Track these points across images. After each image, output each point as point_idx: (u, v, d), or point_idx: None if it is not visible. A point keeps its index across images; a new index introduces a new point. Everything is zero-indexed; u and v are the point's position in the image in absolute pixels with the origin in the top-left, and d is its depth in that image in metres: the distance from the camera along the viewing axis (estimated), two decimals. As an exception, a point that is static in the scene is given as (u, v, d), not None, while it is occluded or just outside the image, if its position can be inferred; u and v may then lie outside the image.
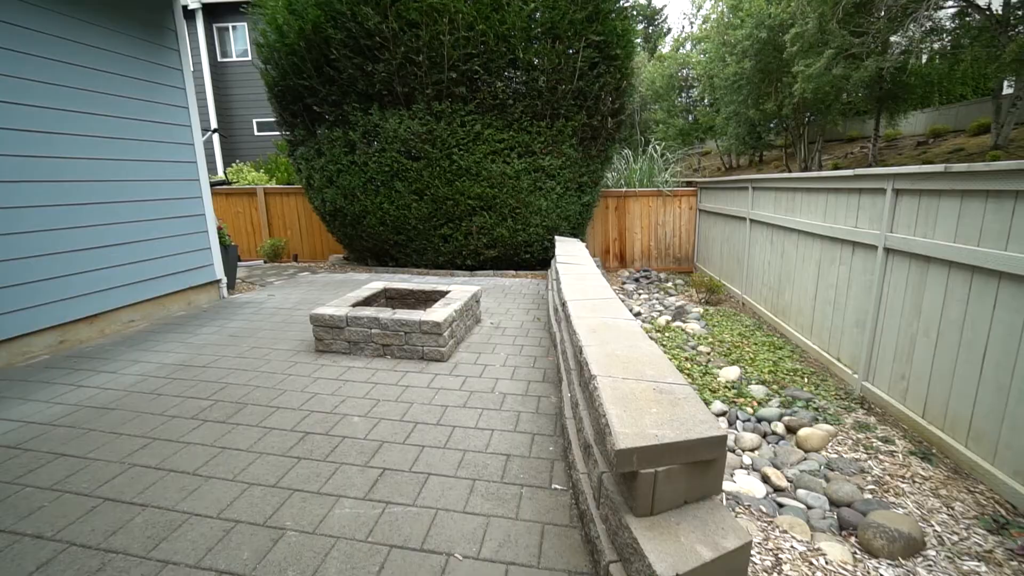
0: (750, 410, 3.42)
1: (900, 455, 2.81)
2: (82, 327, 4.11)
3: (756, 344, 4.79)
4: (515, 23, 5.97)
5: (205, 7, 14.98)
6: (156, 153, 4.73)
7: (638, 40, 9.59)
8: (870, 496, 2.46)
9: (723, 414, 3.36)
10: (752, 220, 6.18)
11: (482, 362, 3.55)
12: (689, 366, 4.15)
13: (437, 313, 3.57)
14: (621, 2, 6.77)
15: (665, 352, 4.34)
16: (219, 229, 5.64)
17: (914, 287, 3.14)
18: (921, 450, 2.84)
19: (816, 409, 3.39)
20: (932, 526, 2.25)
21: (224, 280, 5.62)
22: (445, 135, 6.31)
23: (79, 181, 4.03)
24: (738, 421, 3.28)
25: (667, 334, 5.05)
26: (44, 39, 3.77)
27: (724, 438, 1.53)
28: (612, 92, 6.90)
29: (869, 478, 2.62)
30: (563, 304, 3.37)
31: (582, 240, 7.43)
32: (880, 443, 2.94)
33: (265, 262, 8.82)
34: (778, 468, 2.74)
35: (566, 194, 6.96)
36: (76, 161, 4.00)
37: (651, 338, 2.96)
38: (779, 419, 3.26)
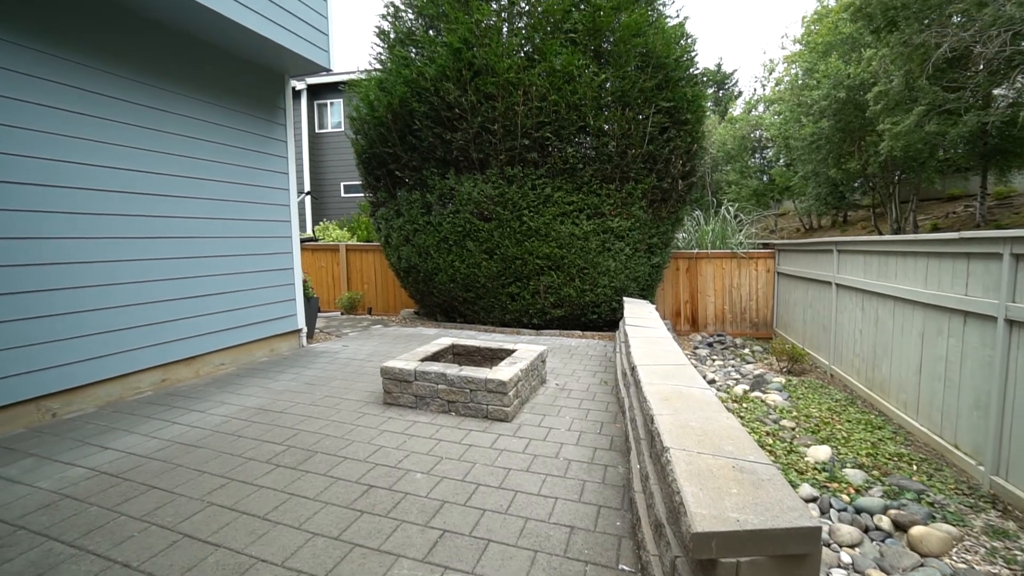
0: (846, 498, 3.02)
1: (1048, 571, 2.33)
2: (181, 368, 4.52)
3: (849, 421, 4.30)
4: (586, 93, 6.27)
5: (309, 87, 17.14)
6: (257, 213, 5.30)
7: (708, 104, 9.70)
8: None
9: (813, 500, 3.00)
10: (838, 285, 5.75)
11: (547, 424, 3.46)
12: (771, 442, 3.79)
13: (503, 372, 3.57)
14: (691, 70, 6.94)
15: (744, 425, 4.00)
16: (304, 282, 6.12)
17: (1047, 366, 2.72)
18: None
19: (931, 504, 2.93)
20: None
21: (305, 330, 6.02)
22: (516, 197, 6.58)
23: (192, 237, 4.59)
24: (832, 510, 2.90)
25: (745, 405, 4.68)
26: (178, 119, 4.47)
27: (818, 530, 1.35)
28: (682, 155, 6.93)
29: (1008, 597, 2.18)
30: (632, 368, 3.25)
31: (651, 302, 7.25)
32: None
33: (342, 314, 9.37)
34: (887, 573, 2.36)
35: (635, 255, 6.90)
36: (191, 220, 4.58)
37: (727, 409, 2.76)
38: (883, 512, 2.84)
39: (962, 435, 3.45)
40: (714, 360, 6.87)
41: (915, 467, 3.45)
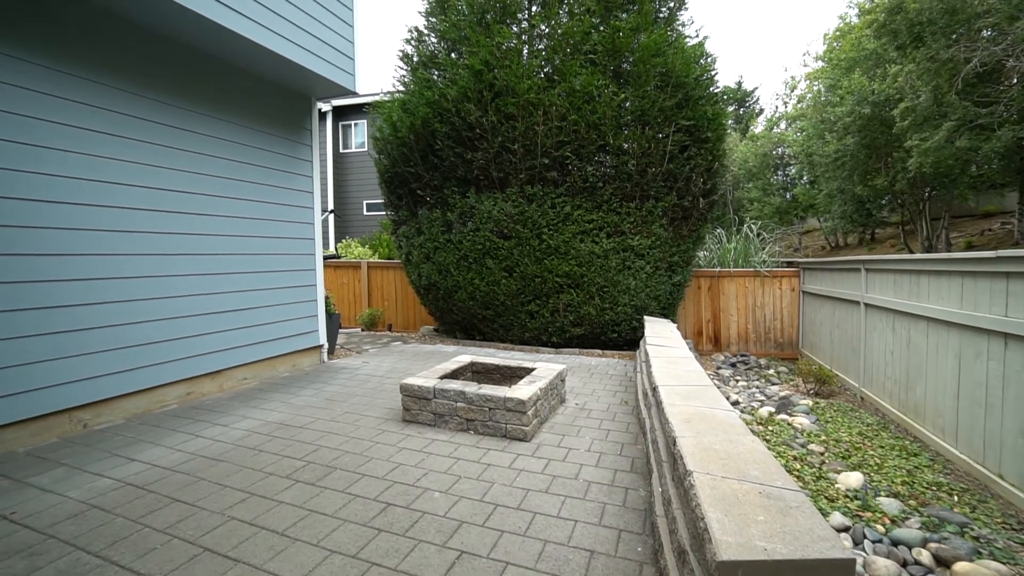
0: (881, 528, 2.88)
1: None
2: (206, 381, 4.61)
3: (882, 447, 4.13)
4: (606, 112, 6.31)
5: (335, 109, 17.68)
6: (282, 231, 5.44)
7: (729, 122, 9.66)
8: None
9: (846, 530, 2.86)
10: (867, 304, 5.58)
11: (566, 445, 3.41)
12: (799, 467, 3.65)
13: (522, 391, 3.55)
14: (711, 89, 6.95)
15: (769, 449, 3.88)
16: (326, 298, 6.22)
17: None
18: None
19: (976, 539, 2.77)
20: None
21: (326, 346, 6.10)
22: (536, 216, 6.61)
23: (219, 254, 4.72)
24: (866, 541, 2.76)
25: (770, 428, 4.54)
26: (209, 140, 4.65)
27: (852, 562, 1.29)
28: (703, 173, 6.89)
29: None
30: (653, 389, 3.20)
31: (673, 321, 7.15)
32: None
33: (363, 330, 9.48)
34: (927, 610, 2.23)
35: (656, 273, 6.84)
36: (218, 238, 4.72)
37: (752, 432, 2.68)
38: (923, 545, 2.70)
39: (1007, 464, 3.27)
40: (737, 381, 6.70)
41: (956, 498, 3.28)
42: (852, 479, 3.41)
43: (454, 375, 4.19)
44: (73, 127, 3.59)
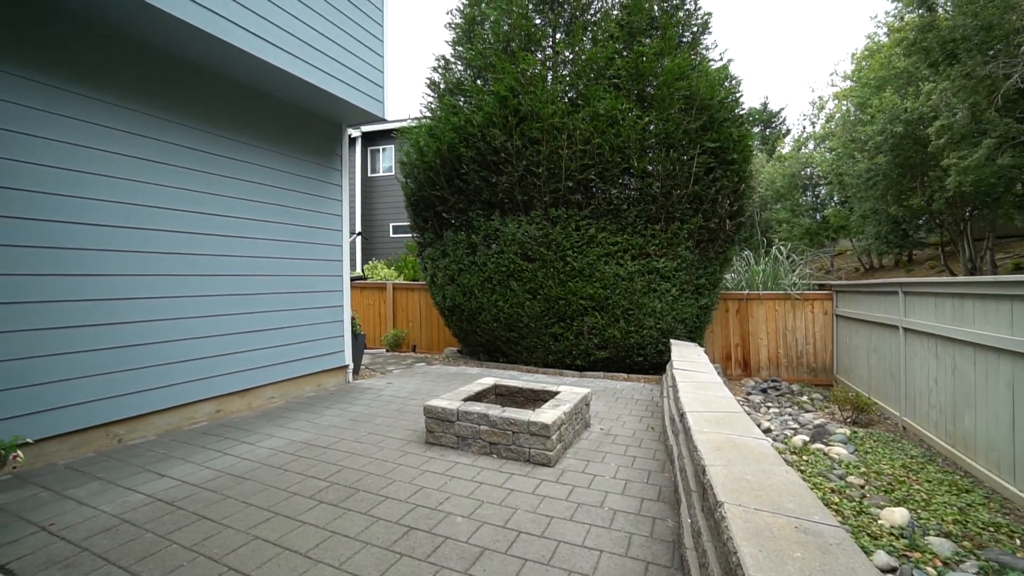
0: (932, 571, 2.69)
1: None
2: (235, 399, 4.71)
3: (929, 481, 3.89)
4: (629, 136, 6.34)
5: (364, 134, 18.29)
6: (311, 253, 5.59)
7: (755, 143, 9.58)
8: None
9: (892, 571, 2.69)
10: (906, 329, 5.35)
11: (591, 471, 3.33)
12: (837, 500, 3.47)
13: (546, 415, 3.50)
14: (736, 111, 6.92)
15: (805, 480, 3.70)
16: (352, 319, 6.32)
17: None
18: None
19: (1035, 583, 2.56)
20: None
21: (351, 366, 6.17)
22: (560, 238, 6.63)
23: (251, 275, 4.87)
24: (915, 583, 2.58)
25: (805, 457, 4.34)
26: (244, 166, 4.86)
27: (903, 608, 1.21)
28: (729, 195, 6.81)
29: None
30: (681, 415, 3.11)
31: (700, 344, 6.99)
32: None
33: (387, 351, 9.57)
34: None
35: (682, 296, 6.73)
36: (252, 259, 4.88)
37: (786, 461, 2.57)
38: (978, 590, 2.51)
39: (1067, 503, 3.04)
40: (769, 407, 6.46)
41: (1018, 541, 3.05)
42: (897, 515, 3.21)
43: (477, 397, 4.17)
44: (130, 157, 3.82)
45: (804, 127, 30.44)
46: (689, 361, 4.84)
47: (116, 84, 3.78)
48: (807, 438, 4.91)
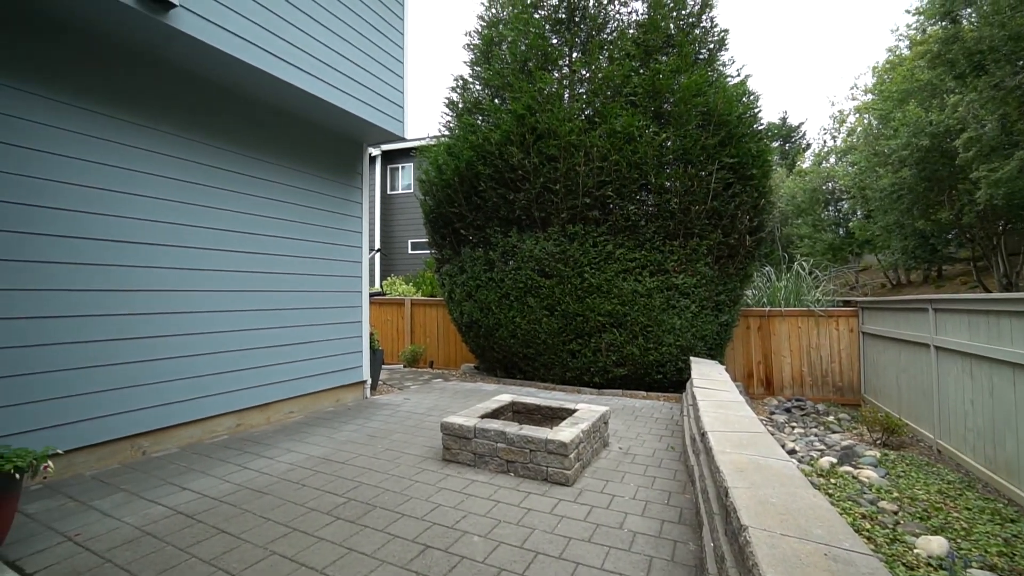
0: (973, 604, 2.55)
1: None
2: (255, 414, 4.77)
3: (968, 509, 3.70)
4: (647, 152, 6.35)
5: (384, 153, 18.68)
6: (331, 269, 5.69)
7: (774, 158, 9.49)
8: None
9: (930, 603, 2.55)
10: (938, 347, 5.17)
11: (610, 491, 3.26)
12: (869, 526, 3.33)
13: (564, 433, 3.46)
14: (754, 126, 6.88)
15: (833, 504, 3.57)
16: (371, 335, 6.37)
17: None
18: None
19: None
20: None
21: (369, 381, 6.20)
22: (578, 255, 6.62)
23: (272, 291, 4.97)
24: (955, 617, 2.45)
25: (833, 480, 4.18)
26: (269, 184, 4.99)
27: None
28: (749, 210, 6.74)
29: None
30: (702, 435, 3.04)
31: (721, 362, 6.85)
32: None
33: (404, 366, 9.61)
34: None
35: (701, 313, 6.63)
36: (274, 275, 4.98)
37: (813, 484, 2.48)
38: (1024, 625, 2.36)
39: (1120, 534, 2.86)
40: (793, 428, 6.27)
41: (1061, 571, 2.87)
42: (934, 545, 3.06)
43: (495, 415, 4.15)
44: (153, 175, 3.96)
45: (824, 141, 30.04)
46: (710, 379, 4.74)
47: (142, 105, 3.92)
48: (834, 460, 4.74)
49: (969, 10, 10.08)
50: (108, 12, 3.32)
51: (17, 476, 2.33)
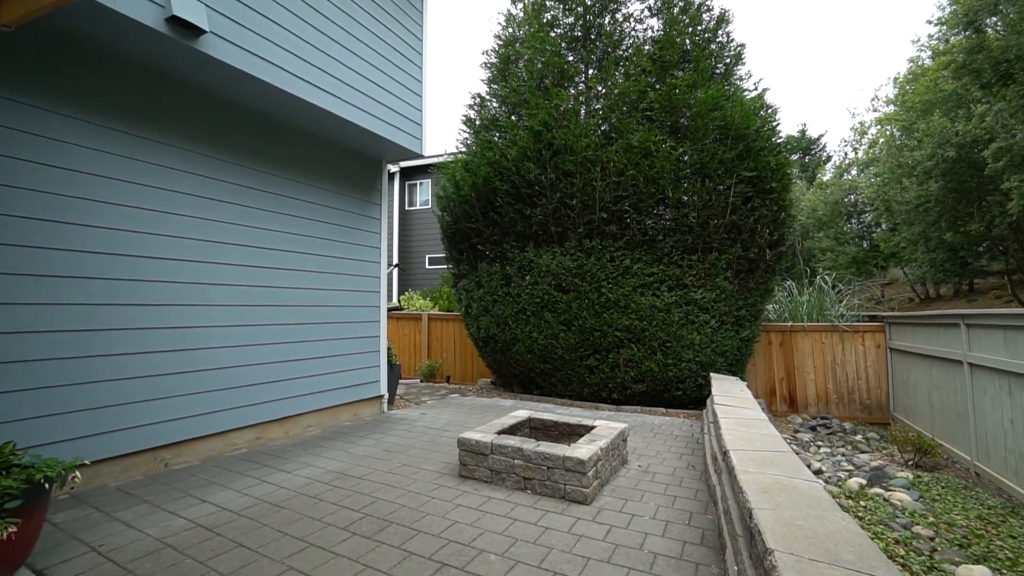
0: (1017, 637, 2.41)
1: None
2: (274, 427, 4.81)
3: (1013, 537, 3.52)
4: (664, 166, 6.34)
5: (402, 170, 19.00)
6: (350, 284, 5.76)
7: (794, 171, 9.37)
8: None
9: (971, 635, 2.42)
10: (972, 364, 4.98)
11: (629, 510, 3.19)
12: (903, 552, 3.18)
13: (582, 450, 3.41)
14: (773, 139, 6.82)
15: (864, 528, 3.42)
16: (388, 349, 6.41)
17: None
18: None
19: None
20: None
21: (386, 396, 6.23)
22: (595, 270, 6.60)
23: (292, 306, 5.05)
24: (999, 652, 2.31)
25: (862, 503, 4.03)
26: (291, 201, 5.11)
27: None
28: (768, 224, 6.65)
29: None
30: (724, 453, 2.97)
31: (742, 378, 6.70)
32: None
33: (421, 381, 9.63)
34: None
35: (721, 328, 6.52)
36: (294, 290, 5.07)
37: (841, 506, 2.39)
38: (1074, 662, 2.22)
39: None
40: (819, 447, 6.07)
41: (1113, 604, 2.70)
42: (976, 574, 2.91)
43: (511, 431, 4.11)
44: (181, 193, 4.10)
45: (845, 153, 29.57)
46: (731, 396, 4.64)
47: (170, 125, 4.06)
48: (864, 481, 4.57)
49: (994, 19, 9.92)
50: (142, 40, 3.47)
51: (47, 486, 2.38)
